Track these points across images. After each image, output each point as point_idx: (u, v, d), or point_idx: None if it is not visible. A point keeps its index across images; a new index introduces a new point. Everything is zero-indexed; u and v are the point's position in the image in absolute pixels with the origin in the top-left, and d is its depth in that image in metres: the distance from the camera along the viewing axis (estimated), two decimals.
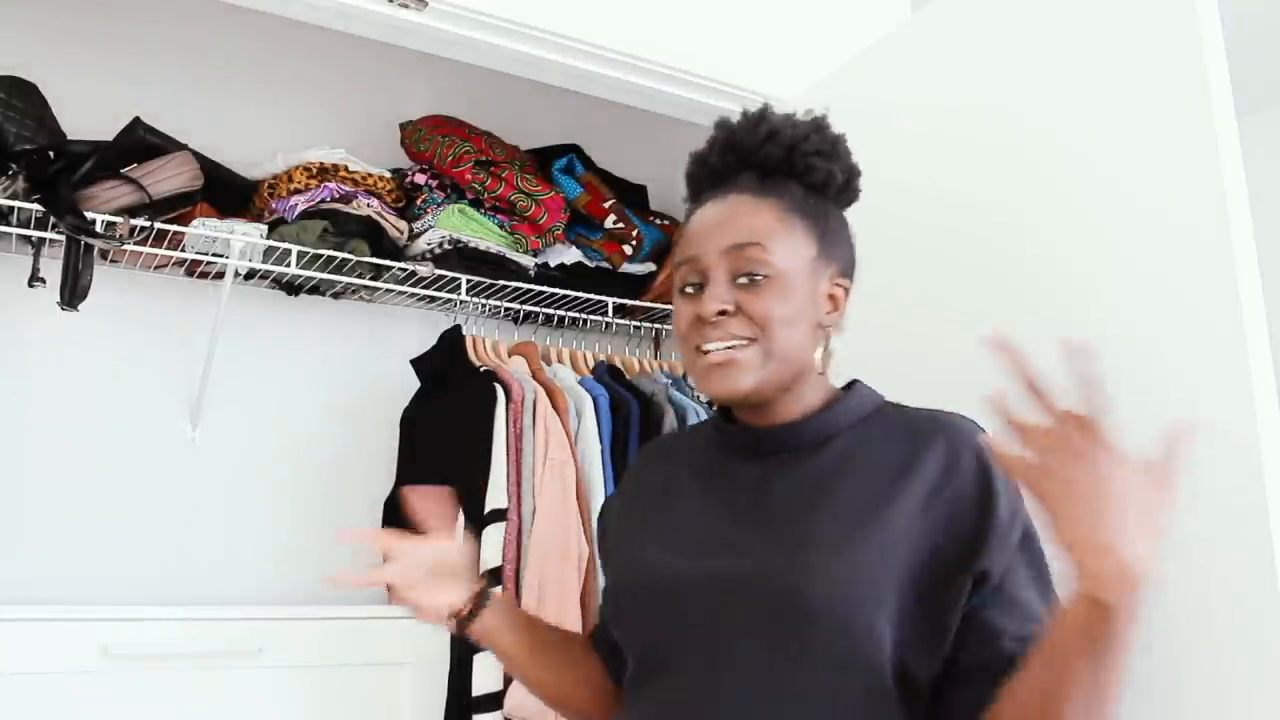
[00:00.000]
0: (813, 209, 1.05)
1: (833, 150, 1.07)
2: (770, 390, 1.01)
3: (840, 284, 1.06)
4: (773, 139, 1.05)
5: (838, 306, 1.06)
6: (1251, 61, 1.48)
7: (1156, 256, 1.17)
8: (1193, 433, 0.84)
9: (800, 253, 1.02)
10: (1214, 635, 1.07)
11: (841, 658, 0.91)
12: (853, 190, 1.10)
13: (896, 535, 0.94)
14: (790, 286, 1.00)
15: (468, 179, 2.12)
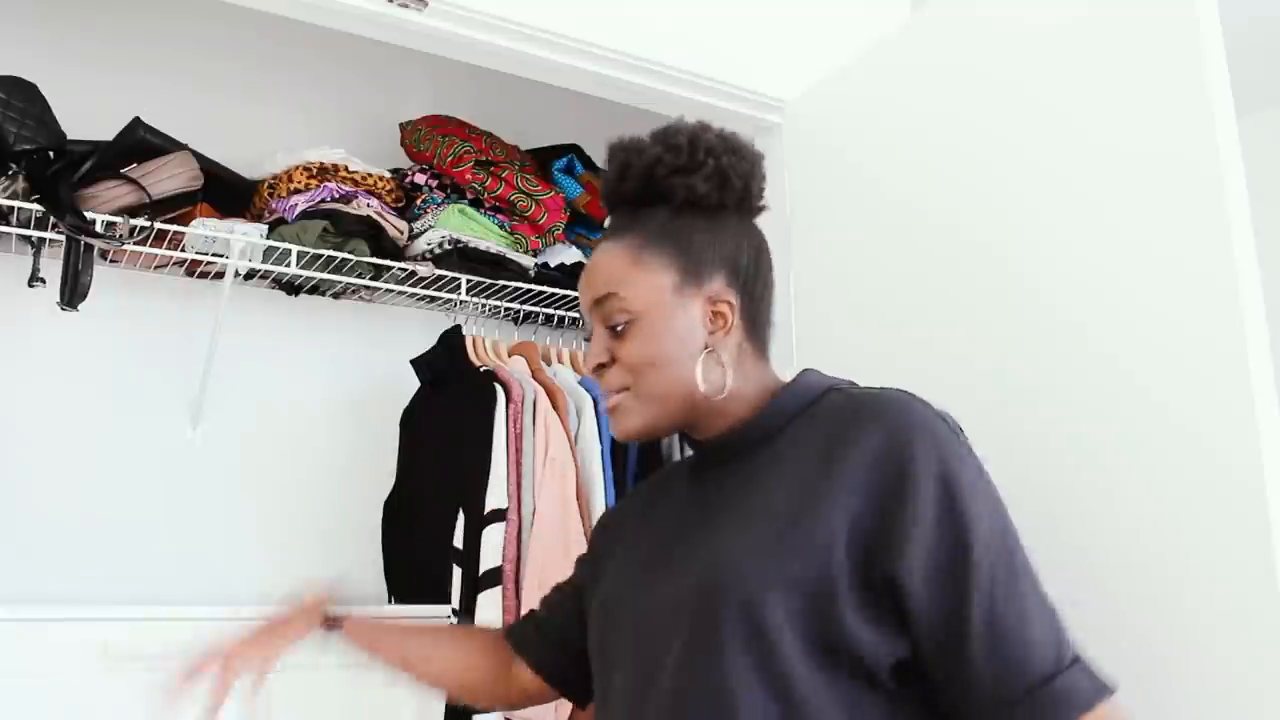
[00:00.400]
0: (674, 233, 1.03)
1: (690, 162, 1.03)
2: (666, 426, 1.04)
3: (723, 299, 1.02)
4: (625, 174, 1.05)
5: (723, 321, 1.02)
6: (1251, 61, 1.48)
7: (1156, 256, 1.17)
8: None
9: (658, 286, 1.01)
10: (1214, 635, 1.07)
11: (747, 647, 0.88)
12: (731, 190, 1.05)
13: (819, 520, 0.90)
14: (653, 326, 1.01)
15: (468, 179, 2.12)
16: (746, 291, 1.04)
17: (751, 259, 1.06)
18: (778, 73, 1.87)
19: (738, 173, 1.05)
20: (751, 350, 1.05)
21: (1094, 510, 1.20)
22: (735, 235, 1.05)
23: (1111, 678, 0.87)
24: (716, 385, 1.01)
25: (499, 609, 1.72)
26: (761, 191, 1.09)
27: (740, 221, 1.07)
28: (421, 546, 2.00)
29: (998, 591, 0.86)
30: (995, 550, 0.87)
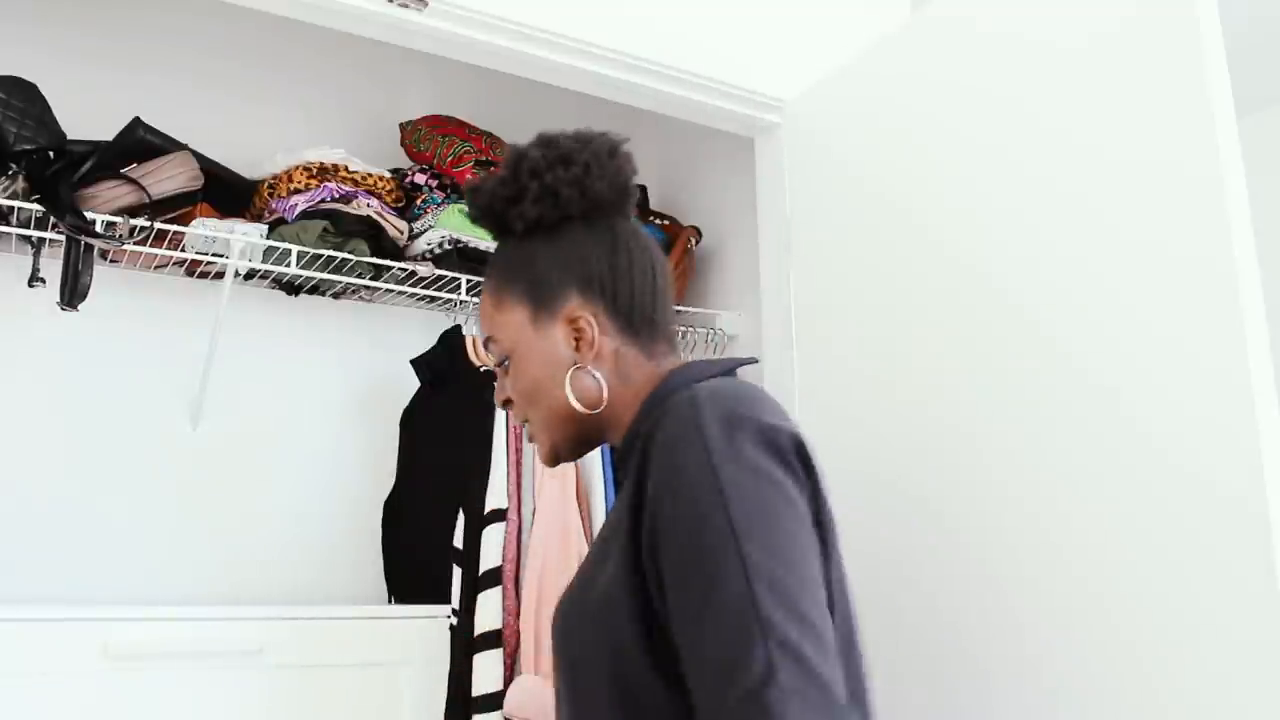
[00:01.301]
0: (520, 265, 1.05)
1: (515, 191, 1.03)
2: (573, 446, 1.06)
3: (579, 315, 1.02)
4: (477, 218, 1.08)
5: (583, 337, 1.02)
6: (1251, 61, 1.48)
7: (1156, 256, 1.17)
8: None
9: (517, 323, 1.04)
10: (1214, 635, 1.07)
11: (580, 670, 0.91)
12: (568, 202, 1.03)
13: (618, 532, 0.89)
14: (524, 359, 1.04)
15: (468, 179, 2.12)
16: (607, 297, 1.03)
17: (606, 263, 1.03)
18: (777, 73, 1.87)
19: (567, 183, 1.02)
20: (636, 351, 1.03)
21: (1094, 510, 1.20)
22: (582, 246, 1.04)
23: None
24: (591, 399, 1.01)
25: (499, 609, 1.72)
26: (612, 189, 1.05)
27: (589, 229, 1.04)
28: (421, 546, 2.00)
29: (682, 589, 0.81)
30: (686, 536, 0.81)
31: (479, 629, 1.71)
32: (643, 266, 1.05)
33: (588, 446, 1.07)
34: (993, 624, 1.30)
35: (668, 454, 0.85)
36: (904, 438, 1.48)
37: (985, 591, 1.31)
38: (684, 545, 0.81)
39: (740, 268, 2.37)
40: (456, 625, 1.74)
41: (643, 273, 1.05)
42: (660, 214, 2.46)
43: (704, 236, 2.47)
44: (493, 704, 1.67)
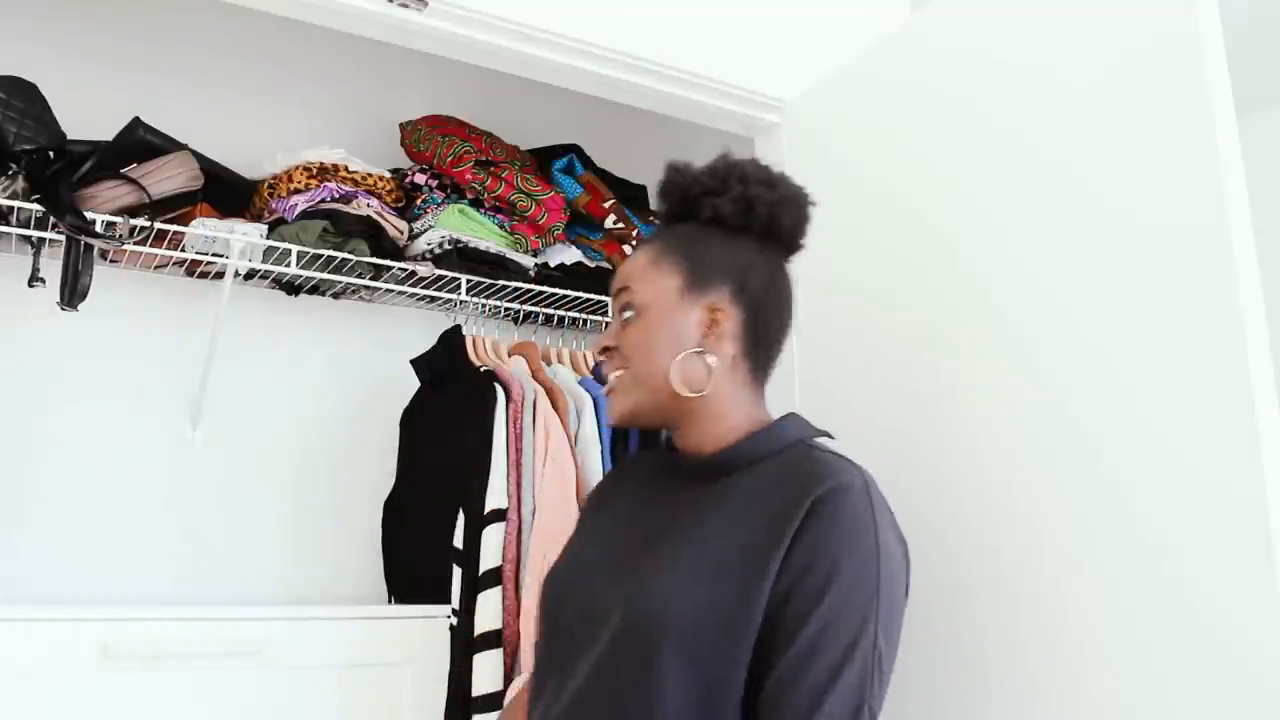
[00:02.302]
0: (691, 244, 1.14)
1: (719, 185, 1.14)
2: (648, 413, 1.13)
3: (718, 308, 1.11)
4: (666, 192, 1.19)
5: (714, 329, 1.11)
6: (1251, 61, 1.48)
7: (1156, 256, 1.17)
8: None
9: (665, 287, 1.12)
10: (1213, 635, 1.06)
11: (659, 676, 0.96)
12: (755, 217, 1.13)
13: (734, 568, 0.98)
14: (653, 319, 1.12)
15: (468, 179, 2.12)
16: (751, 311, 1.12)
17: (764, 284, 1.13)
18: (777, 73, 1.87)
19: (763, 201, 1.13)
20: (746, 372, 1.13)
21: (1094, 510, 1.20)
22: (750, 257, 1.13)
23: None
24: (695, 383, 1.09)
25: (499, 609, 1.72)
26: (792, 229, 1.16)
27: (762, 249, 1.14)
28: (421, 546, 2.00)
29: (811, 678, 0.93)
30: (838, 651, 0.93)
31: (479, 629, 1.71)
32: (784, 310, 1.15)
33: (656, 423, 1.15)
34: (991, 618, 1.30)
35: (846, 529, 0.97)
36: (903, 433, 1.47)
37: (985, 582, 1.31)
38: (831, 614, 0.94)
39: None
40: (456, 625, 1.74)
41: (781, 314, 1.15)
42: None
43: None
44: (493, 704, 1.67)
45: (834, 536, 0.96)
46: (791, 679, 0.93)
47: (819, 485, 0.99)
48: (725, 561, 0.99)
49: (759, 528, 0.99)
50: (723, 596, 0.97)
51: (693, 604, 0.97)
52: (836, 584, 0.94)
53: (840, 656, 0.92)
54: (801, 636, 0.93)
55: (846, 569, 0.95)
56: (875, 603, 0.95)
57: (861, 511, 0.98)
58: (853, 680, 0.92)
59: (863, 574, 0.95)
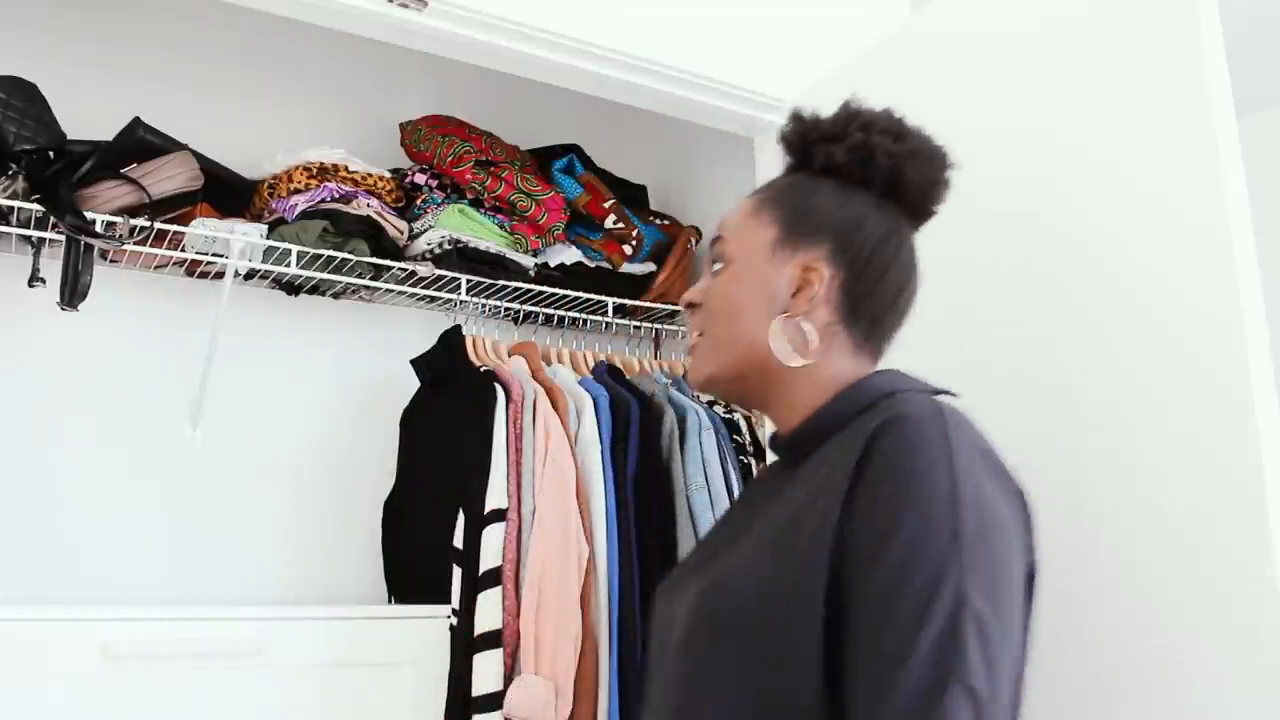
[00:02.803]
0: (796, 194, 1.01)
1: (837, 131, 1.01)
2: (728, 377, 1.00)
3: (814, 265, 0.97)
4: (785, 138, 1.05)
5: (805, 289, 0.97)
6: (1251, 61, 1.48)
7: (1156, 256, 1.17)
8: None
9: (759, 239, 1.00)
10: (1214, 635, 1.07)
11: (738, 676, 0.83)
12: (875, 168, 0.99)
13: (790, 541, 0.84)
14: (742, 274, 1.00)
15: (468, 179, 2.12)
16: (854, 272, 0.97)
17: (874, 244, 0.98)
18: (777, 72, 1.87)
19: (886, 152, 0.99)
20: (845, 338, 0.98)
21: (1095, 510, 1.20)
22: (862, 215, 0.99)
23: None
24: (791, 352, 0.96)
25: (499, 609, 1.72)
26: (920, 188, 1.01)
27: (878, 208, 1.00)
28: (421, 546, 2.00)
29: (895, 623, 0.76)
30: (907, 617, 0.75)
31: (479, 629, 1.71)
32: (899, 275, 1.00)
33: (737, 392, 1.03)
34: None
35: (906, 462, 0.80)
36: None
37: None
38: (898, 567, 0.76)
39: None
40: (456, 625, 1.74)
41: (895, 279, 0.99)
42: (660, 214, 2.46)
43: (704, 236, 2.47)
44: (493, 704, 1.67)
45: (888, 478, 0.80)
46: (859, 666, 0.76)
47: (877, 418, 0.84)
48: (782, 536, 0.86)
49: (816, 491, 0.85)
50: (779, 576, 0.83)
51: (750, 590, 0.84)
52: (896, 536, 0.77)
53: (909, 627, 0.74)
54: (863, 612, 0.77)
55: (907, 515, 0.77)
56: (957, 551, 0.76)
57: (924, 441, 0.80)
58: (931, 652, 0.73)
59: (931, 517, 0.77)
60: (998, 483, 0.83)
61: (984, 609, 0.75)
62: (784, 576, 0.82)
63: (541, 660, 1.71)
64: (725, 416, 2.09)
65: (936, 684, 0.72)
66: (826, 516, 0.82)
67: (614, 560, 1.83)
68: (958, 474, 0.79)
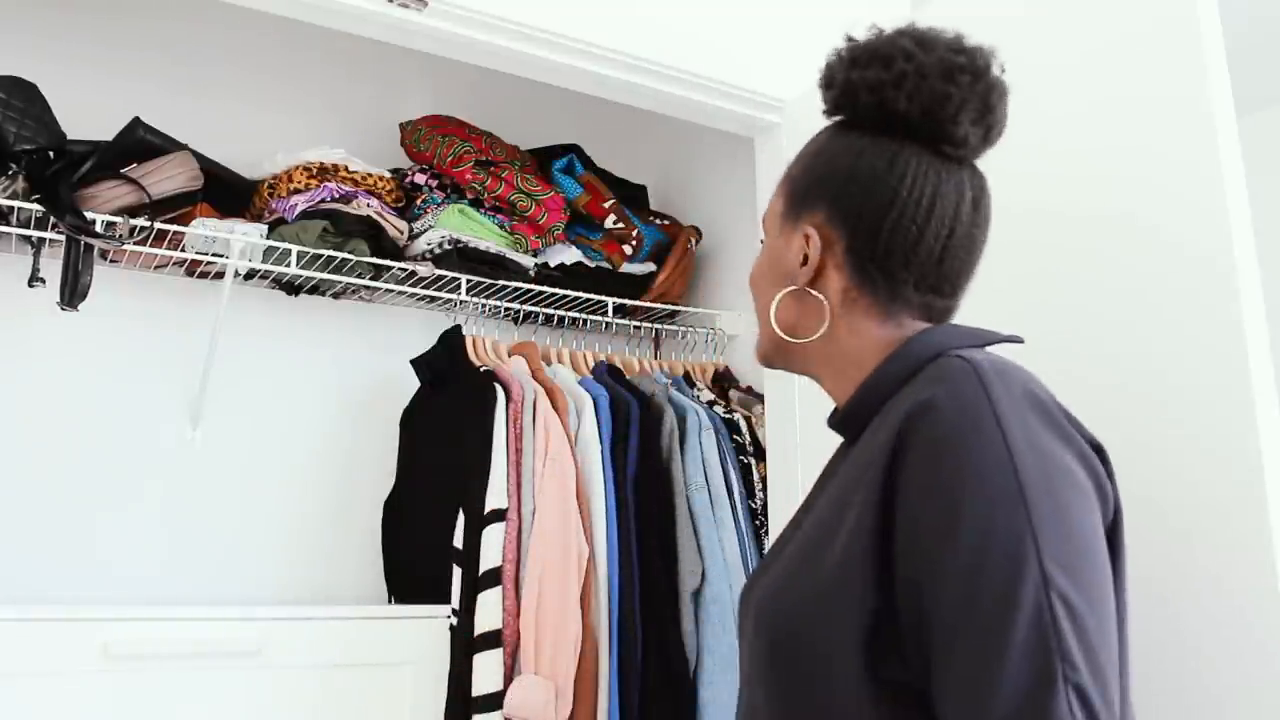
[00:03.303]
0: (801, 157, 0.94)
1: (830, 76, 0.91)
2: (772, 353, 0.96)
3: (809, 234, 0.90)
4: (826, 81, 0.94)
5: (805, 259, 0.90)
6: (1251, 61, 1.48)
7: (1157, 256, 1.17)
8: None
9: (774, 211, 0.96)
10: (1214, 635, 1.06)
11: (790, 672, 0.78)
12: (862, 110, 0.89)
13: (829, 534, 0.79)
14: (766, 249, 0.97)
15: (468, 179, 2.12)
16: (851, 228, 0.88)
17: (866, 188, 0.87)
18: (777, 72, 1.87)
19: (868, 86, 0.87)
20: (868, 301, 0.88)
21: None
22: (854, 162, 0.88)
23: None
24: (787, 325, 0.92)
25: (499, 609, 1.72)
26: (926, 113, 0.87)
27: (874, 147, 0.88)
28: (421, 546, 2.00)
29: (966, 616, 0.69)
30: (990, 610, 0.68)
31: (479, 629, 1.71)
32: (914, 220, 0.86)
33: (792, 369, 0.96)
34: None
35: (949, 438, 0.71)
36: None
37: None
38: (972, 554, 0.68)
39: (740, 267, 2.37)
40: (456, 625, 1.74)
41: (908, 225, 0.86)
42: (660, 214, 2.46)
43: (704, 236, 2.47)
44: (493, 704, 1.68)
45: (934, 466, 0.71)
46: (947, 660, 0.69)
47: (904, 410, 0.75)
48: (815, 541, 0.80)
49: (852, 484, 0.79)
50: (812, 586, 0.77)
51: (790, 600, 0.79)
52: (960, 528, 0.68)
53: (996, 619, 0.66)
54: (937, 618, 0.69)
55: (966, 501, 0.69)
56: (1028, 532, 0.67)
57: (965, 416, 0.72)
58: (1025, 643, 0.65)
59: (993, 499, 0.69)
60: (1056, 432, 0.74)
61: (1071, 590, 0.67)
62: (816, 586, 0.77)
63: (541, 660, 1.71)
64: (725, 417, 2.09)
65: (1036, 684, 0.65)
66: (860, 518, 0.75)
67: (614, 560, 1.83)
68: (1011, 441, 0.70)
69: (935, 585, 0.70)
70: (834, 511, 0.80)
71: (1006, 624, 0.66)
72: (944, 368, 0.77)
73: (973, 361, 0.76)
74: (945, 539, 0.69)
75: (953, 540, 0.69)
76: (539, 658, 1.71)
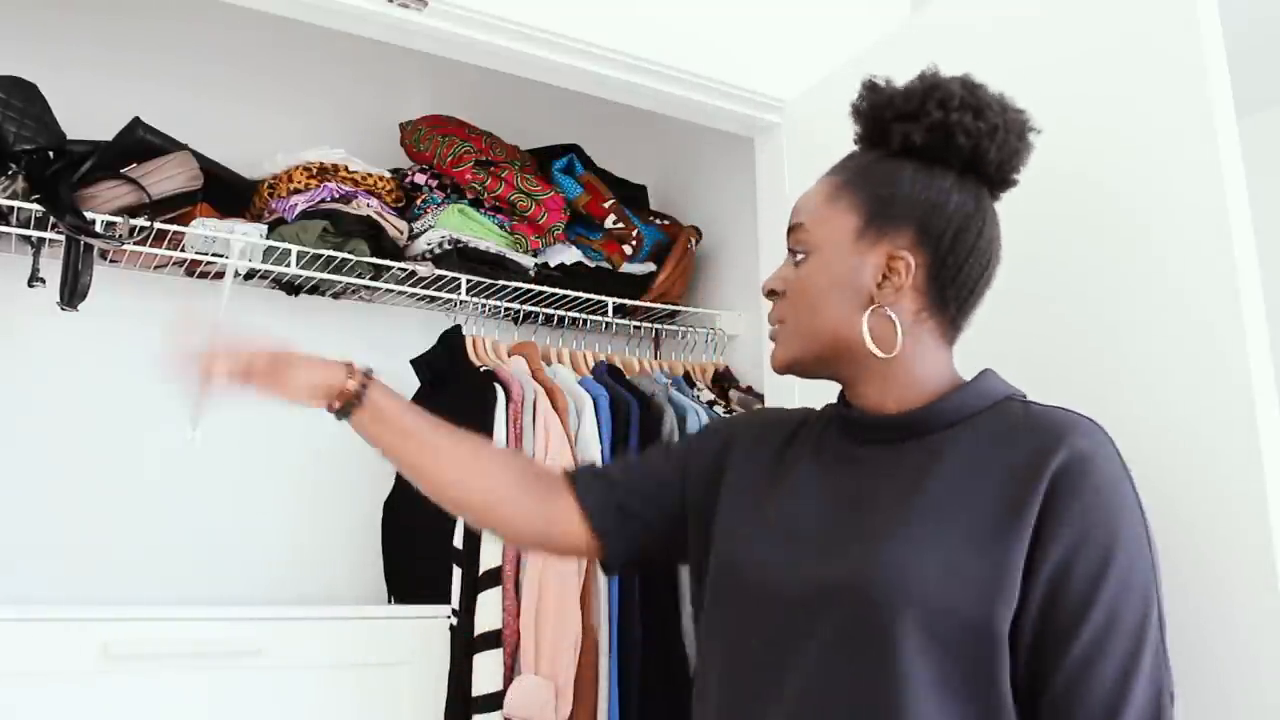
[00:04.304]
0: (876, 177, 1.00)
1: (916, 109, 0.99)
2: (811, 366, 1.02)
3: (899, 254, 0.97)
4: (857, 113, 1.05)
5: (891, 277, 0.97)
6: (1251, 61, 1.48)
7: (1157, 257, 1.17)
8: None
9: (841, 227, 1.00)
10: (1214, 635, 1.06)
11: (927, 660, 0.86)
12: (955, 148, 0.98)
13: (974, 533, 0.88)
14: (825, 264, 1.00)
15: (468, 179, 2.12)
16: (938, 257, 0.98)
17: (957, 226, 0.98)
18: (777, 73, 1.87)
19: (966, 130, 0.98)
20: (933, 326, 1.00)
21: None
22: (944, 195, 0.98)
23: None
24: (886, 344, 0.97)
25: (499, 609, 1.72)
26: (1001, 164, 1.01)
27: (961, 185, 0.99)
28: (421, 546, 2.00)
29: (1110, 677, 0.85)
30: (1130, 635, 0.86)
31: (479, 629, 1.71)
32: (984, 252, 0.99)
33: (820, 374, 1.04)
34: None
35: (1106, 487, 0.88)
36: None
37: None
38: (1118, 589, 0.86)
39: (740, 267, 2.37)
40: (456, 625, 1.74)
41: (980, 256, 0.99)
42: (660, 214, 2.46)
43: (704, 236, 2.47)
44: (493, 704, 1.68)
45: (1101, 508, 0.87)
46: (1084, 675, 0.85)
47: (1061, 445, 0.89)
48: (962, 526, 0.89)
49: (995, 492, 0.89)
50: (965, 563, 0.87)
51: (935, 569, 0.87)
52: (1116, 563, 0.86)
53: (1133, 643, 0.85)
54: (1088, 627, 0.85)
55: (1123, 545, 0.86)
56: (1154, 576, 0.88)
57: (1120, 474, 0.90)
58: (1150, 665, 0.85)
59: (1139, 547, 0.87)
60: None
61: (1165, 620, 0.88)
62: (968, 569, 0.87)
63: (541, 660, 1.71)
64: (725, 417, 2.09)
65: (1156, 692, 0.86)
66: (1013, 525, 0.88)
67: None
68: (1143, 507, 0.90)
69: (1084, 610, 0.85)
70: (994, 512, 0.89)
71: (1140, 657, 0.85)
72: (1084, 428, 0.92)
73: (1106, 432, 0.93)
74: (1096, 580, 0.85)
75: (1102, 584, 0.85)
76: (539, 658, 1.71)
